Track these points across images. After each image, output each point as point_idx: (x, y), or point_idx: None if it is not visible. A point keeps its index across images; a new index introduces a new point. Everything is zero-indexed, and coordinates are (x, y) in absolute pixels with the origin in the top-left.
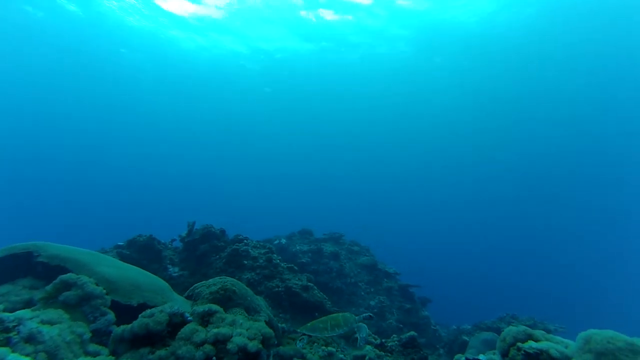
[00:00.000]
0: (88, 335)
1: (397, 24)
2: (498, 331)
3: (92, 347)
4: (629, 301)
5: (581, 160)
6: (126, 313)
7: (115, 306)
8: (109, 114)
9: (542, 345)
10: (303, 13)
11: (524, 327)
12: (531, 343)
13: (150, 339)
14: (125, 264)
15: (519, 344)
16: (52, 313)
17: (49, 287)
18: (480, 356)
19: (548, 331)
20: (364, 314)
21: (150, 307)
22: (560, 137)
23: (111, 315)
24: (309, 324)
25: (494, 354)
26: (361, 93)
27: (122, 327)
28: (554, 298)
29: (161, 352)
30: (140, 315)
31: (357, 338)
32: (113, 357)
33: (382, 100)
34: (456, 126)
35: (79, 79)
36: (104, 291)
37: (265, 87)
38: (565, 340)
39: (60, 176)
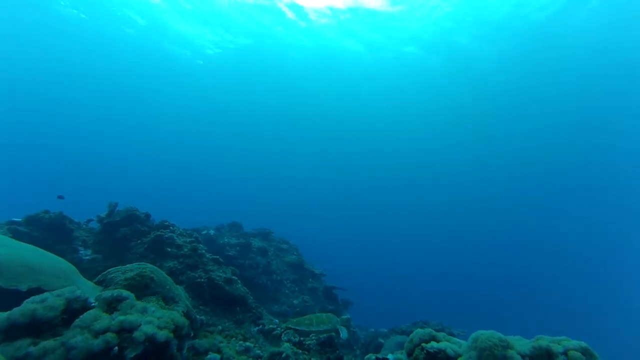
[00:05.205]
0: None
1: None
2: None
3: None
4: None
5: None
6: (13, 301)
7: None
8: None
9: (441, 345)
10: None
11: (430, 329)
12: (433, 343)
13: (36, 328)
14: (20, 242)
15: (423, 344)
16: None
17: None
18: (389, 355)
19: (452, 335)
20: (343, 316)
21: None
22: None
23: None
24: (295, 319)
25: (401, 353)
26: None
27: None
28: (474, 304)
29: (47, 343)
30: (25, 301)
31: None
32: None
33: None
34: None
35: None
36: None
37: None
38: (461, 342)
39: None
